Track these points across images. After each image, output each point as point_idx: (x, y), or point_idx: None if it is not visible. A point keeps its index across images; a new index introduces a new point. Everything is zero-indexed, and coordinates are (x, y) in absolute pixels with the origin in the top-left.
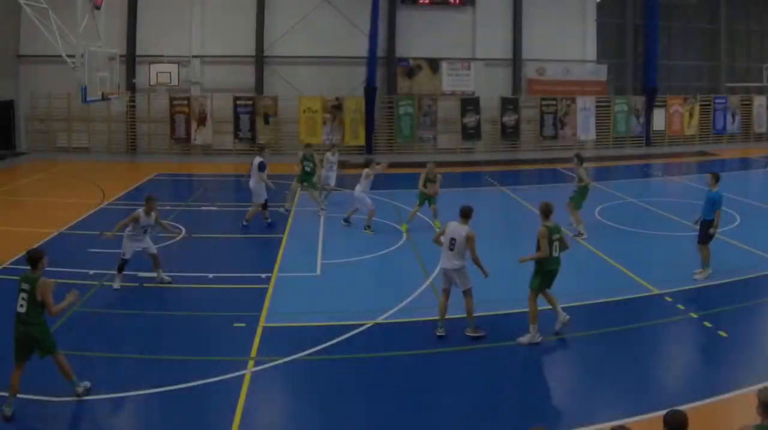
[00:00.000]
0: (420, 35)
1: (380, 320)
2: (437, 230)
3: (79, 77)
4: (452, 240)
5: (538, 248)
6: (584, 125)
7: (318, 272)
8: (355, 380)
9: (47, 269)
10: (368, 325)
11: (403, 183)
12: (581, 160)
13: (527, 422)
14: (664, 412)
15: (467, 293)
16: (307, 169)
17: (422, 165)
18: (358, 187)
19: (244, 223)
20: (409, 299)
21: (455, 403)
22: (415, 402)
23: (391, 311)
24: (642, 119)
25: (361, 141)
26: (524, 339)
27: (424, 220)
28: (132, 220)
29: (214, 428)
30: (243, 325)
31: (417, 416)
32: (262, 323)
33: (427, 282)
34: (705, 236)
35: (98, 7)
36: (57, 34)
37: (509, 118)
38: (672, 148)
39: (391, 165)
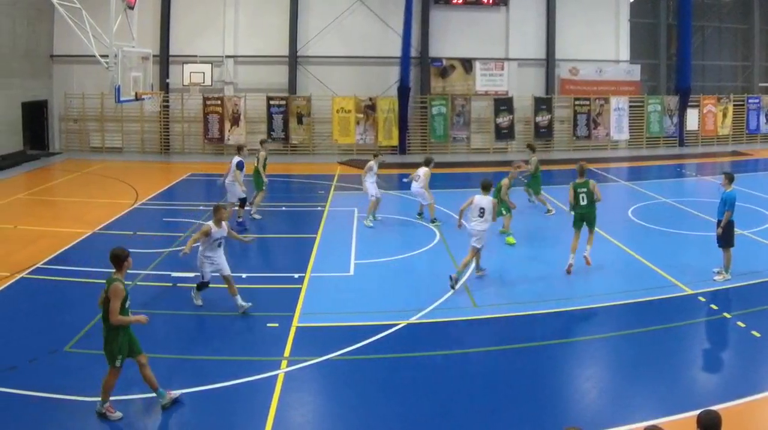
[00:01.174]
0: (453, 35)
1: (413, 320)
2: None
3: (113, 77)
4: (481, 209)
5: None
6: (617, 125)
7: (351, 271)
8: (388, 380)
9: (81, 268)
10: (401, 325)
11: (438, 183)
12: (533, 149)
13: (561, 422)
14: (697, 412)
15: (478, 250)
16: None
17: (456, 165)
18: (415, 184)
19: (238, 219)
20: (443, 299)
21: (488, 403)
22: (448, 402)
23: (425, 311)
24: (675, 119)
25: (395, 141)
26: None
27: (454, 217)
28: (203, 234)
29: (247, 428)
30: (276, 325)
31: (449, 416)
32: (295, 323)
33: (461, 281)
34: (724, 239)
35: (131, 7)
36: (90, 35)
37: (542, 118)
38: (705, 148)
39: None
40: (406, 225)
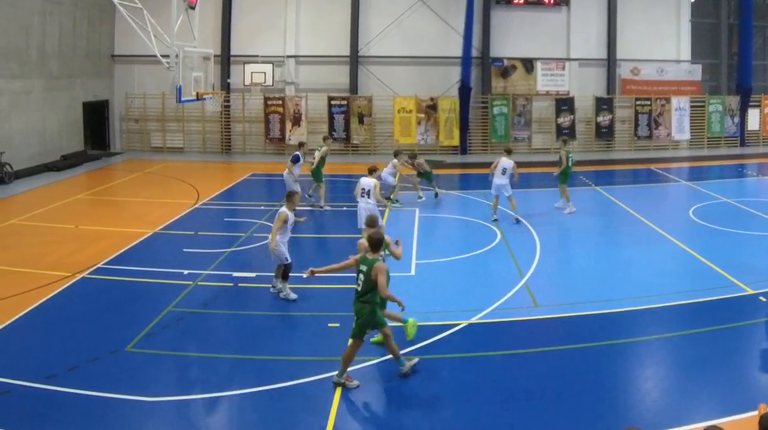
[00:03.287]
0: (514, 35)
1: (474, 320)
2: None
3: (174, 77)
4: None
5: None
6: (679, 125)
7: (412, 271)
8: (448, 380)
9: (143, 268)
10: (462, 325)
11: None
12: (565, 142)
13: (621, 422)
14: (757, 412)
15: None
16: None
17: (516, 165)
18: (497, 180)
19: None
20: (504, 299)
21: (548, 403)
22: (508, 402)
23: (486, 311)
24: (736, 119)
25: (456, 141)
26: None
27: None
28: (281, 222)
29: (308, 428)
30: (337, 325)
31: (510, 417)
32: None
33: (522, 282)
34: None
35: (192, 7)
36: (152, 34)
37: (603, 118)
38: (766, 148)
39: (486, 165)
40: (467, 225)
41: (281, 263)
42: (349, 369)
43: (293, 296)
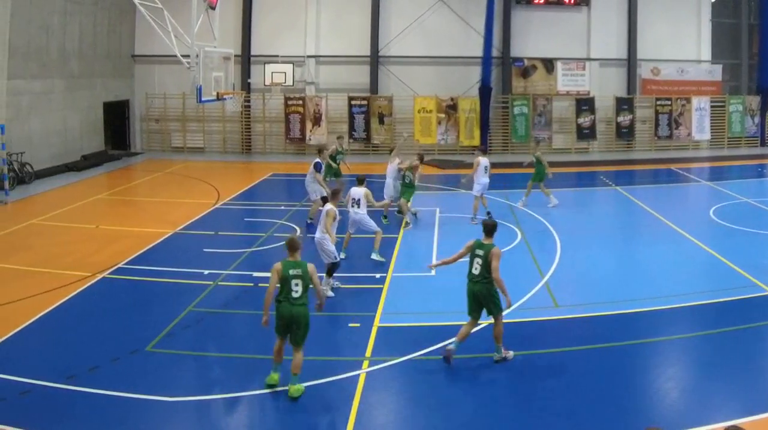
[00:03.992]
0: (535, 35)
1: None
2: None
3: (194, 77)
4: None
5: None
6: (699, 125)
7: (433, 271)
8: (469, 380)
9: (163, 268)
10: (482, 325)
11: (519, 183)
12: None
13: (642, 422)
14: None
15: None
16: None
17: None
18: (484, 179)
19: (308, 220)
20: (524, 299)
21: (568, 403)
22: (528, 402)
23: (506, 311)
24: (757, 119)
25: (476, 141)
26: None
27: (540, 221)
28: (332, 219)
29: (329, 428)
30: (358, 325)
31: (530, 416)
32: (376, 323)
33: (542, 282)
34: None
35: (213, 7)
36: (172, 35)
37: (624, 118)
38: None
39: (507, 165)
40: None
41: (331, 261)
42: (371, 368)
43: (331, 293)
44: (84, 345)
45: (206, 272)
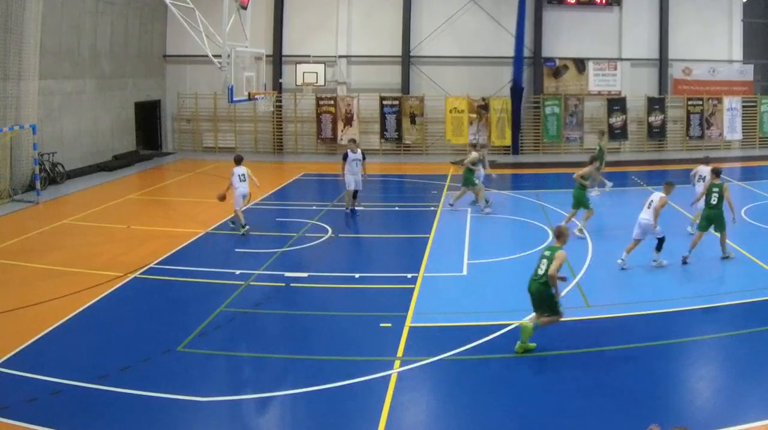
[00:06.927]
0: (566, 35)
1: (526, 320)
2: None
3: (226, 77)
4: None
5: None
6: (730, 125)
7: (464, 271)
8: (500, 380)
9: (194, 268)
10: (513, 325)
11: (550, 183)
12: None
13: (673, 422)
14: None
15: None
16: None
17: (568, 165)
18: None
19: (348, 209)
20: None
21: (600, 403)
22: (560, 402)
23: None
24: None
25: (508, 141)
26: None
27: (571, 221)
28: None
29: (360, 428)
30: (389, 325)
31: (561, 416)
32: (408, 323)
33: (574, 282)
34: None
35: (244, 7)
36: (203, 35)
37: (655, 118)
38: None
39: (538, 165)
40: (518, 225)
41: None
42: (403, 368)
43: (665, 262)
44: (115, 345)
45: (238, 272)
